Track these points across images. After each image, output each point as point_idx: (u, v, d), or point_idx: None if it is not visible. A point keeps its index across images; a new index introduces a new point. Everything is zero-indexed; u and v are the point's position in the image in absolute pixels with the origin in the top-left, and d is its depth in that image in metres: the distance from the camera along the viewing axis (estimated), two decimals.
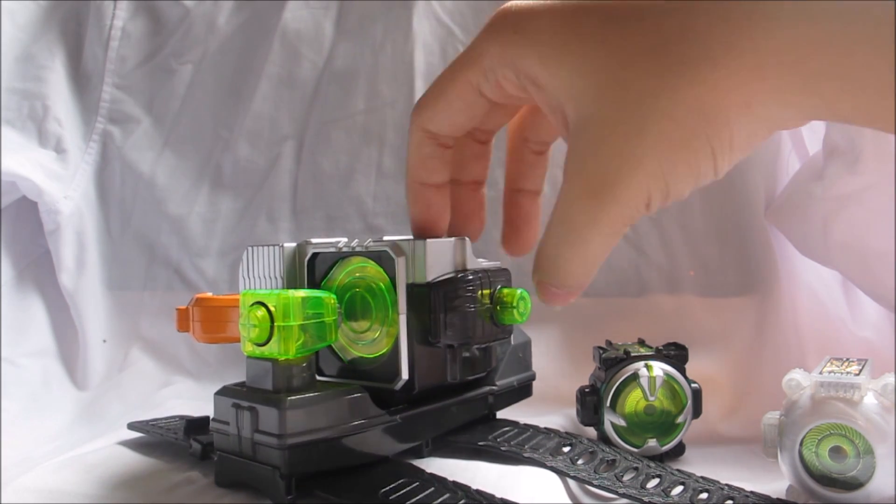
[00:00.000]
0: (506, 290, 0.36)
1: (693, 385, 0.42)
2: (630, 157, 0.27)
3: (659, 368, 0.41)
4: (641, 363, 0.41)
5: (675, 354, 0.42)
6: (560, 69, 0.28)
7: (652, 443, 0.41)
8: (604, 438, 0.42)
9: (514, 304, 0.35)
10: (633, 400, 0.41)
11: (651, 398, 0.41)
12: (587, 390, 0.43)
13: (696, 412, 0.42)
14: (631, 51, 0.27)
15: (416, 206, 0.37)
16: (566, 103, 0.29)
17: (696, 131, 0.26)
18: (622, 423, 0.41)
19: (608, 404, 0.41)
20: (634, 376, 0.41)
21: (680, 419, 0.41)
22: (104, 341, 0.62)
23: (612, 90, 0.27)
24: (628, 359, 0.42)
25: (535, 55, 0.29)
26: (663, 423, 0.42)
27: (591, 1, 0.28)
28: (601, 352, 0.43)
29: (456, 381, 0.37)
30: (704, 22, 0.26)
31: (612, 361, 0.42)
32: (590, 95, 0.28)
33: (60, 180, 0.63)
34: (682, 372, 0.42)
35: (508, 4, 0.30)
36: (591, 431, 0.44)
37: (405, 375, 0.35)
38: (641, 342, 0.45)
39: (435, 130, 0.34)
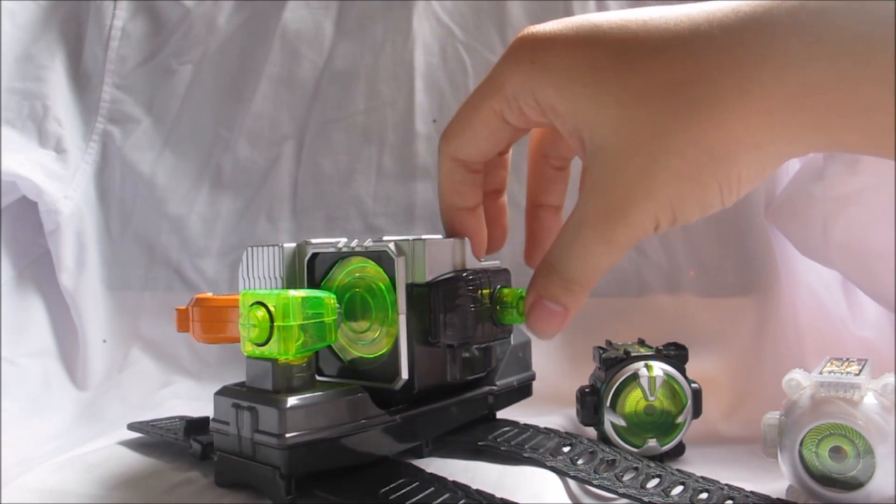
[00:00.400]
0: (506, 290, 0.36)
1: (693, 385, 0.42)
2: (641, 189, 0.29)
3: (659, 368, 0.41)
4: (641, 363, 0.41)
5: (675, 354, 0.42)
6: (576, 100, 0.30)
7: (652, 443, 0.41)
8: (604, 438, 0.42)
9: (514, 303, 0.35)
10: (633, 400, 0.41)
11: (651, 398, 0.41)
12: (587, 390, 0.43)
13: (696, 412, 0.42)
14: (644, 87, 0.28)
15: (454, 231, 0.38)
16: (583, 131, 0.30)
17: (705, 169, 0.28)
18: (622, 423, 0.41)
19: (608, 404, 0.41)
20: (634, 376, 0.41)
21: (680, 419, 0.41)
22: (104, 341, 0.62)
23: (626, 124, 0.29)
24: (628, 359, 0.42)
25: (552, 86, 0.30)
26: (663, 423, 0.42)
27: (605, 29, 0.29)
28: (601, 352, 0.43)
29: (456, 380, 0.37)
30: (716, 65, 0.27)
31: (612, 361, 0.42)
32: (605, 127, 0.29)
33: (60, 180, 0.63)
34: (682, 372, 0.42)
35: (527, 31, 0.31)
36: (592, 432, 0.44)
37: (405, 375, 0.35)
38: (641, 342, 0.45)
39: (464, 158, 0.35)
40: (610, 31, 0.29)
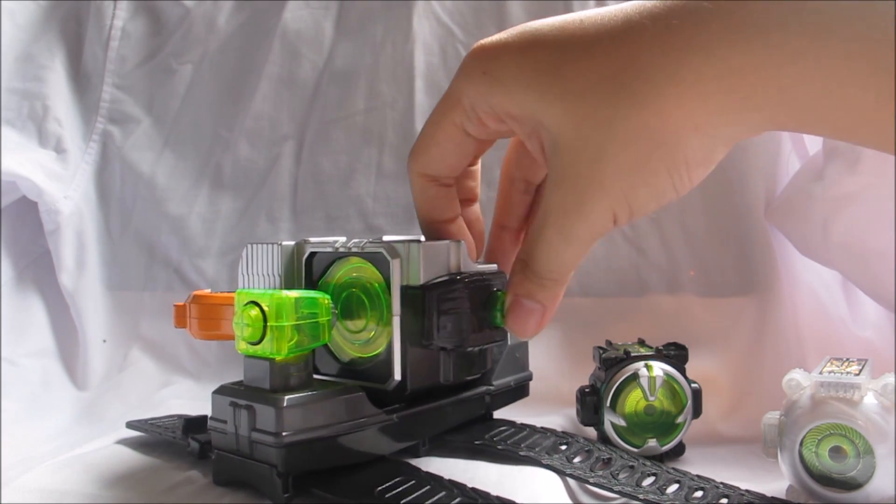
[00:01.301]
0: (500, 293, 0.36)
1: (693, 385, 0.42)
2: (594, 182, 0.30)
3: (659, 368, 0.41)
4: (641, 363, 0.41)
5: (675, 354, 0.42)
6: (525, 102, 0.31)
7: (652, 443, 0.41)
8: (604, 439, 0.42)
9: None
10: (633, 400, 0.41)
11: (651, 398, 0.41)
12: (587, 390, 0.43)
13: (696, 412, 0.42)
14: (584, 82, 0.29)
15: None
16: (539, 132, 0.31)
17: (650, 154, 0.29)
18: (622, 423, 0.41)
19: (608, 404, 0.41)
20: (634, 376, 0.41)
21: (680, 419, 0.41)
22: (104, 341, 0.62)
23: (573, 119, 0.30)
24: (628, 359, 0.42)
25: (504, 92, 0.31)
26: (663, 424, 0.41)
27: (545, 32, 0.31)
28: (601, 352, 0.43)
29: (449, 382, 0.37)
30: (648, 53, 0.28)
31: (612, 361, 0.42)
32: (556, 124, 0.30)
33: (60, 180, 0.63)
34: (682, 372, 0.42)
35: (476, 45, 0.32)
36: (592, 432, 0.44)
37: (397, 377, 0.35)
38: (641, 342, 0.45)
39: (434, 174, 0.36)
40: (550, 34, 0.31)
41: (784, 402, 0.36)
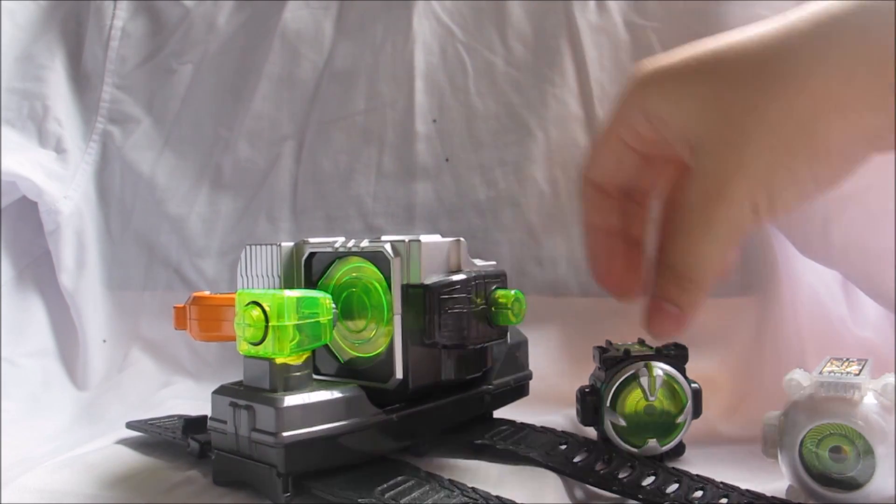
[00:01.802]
0: (500, 292, 0.36)
1: (693, 385, 0.42)
2: (734, 163, 0.31)
3: (659, 368, 0.41)
4: (641, 363, 0.41)
5: (675, 354, 0.42)
6: (680, 101, 0.33)
7: (652, 443, 0.41)
8: (604, 439, 0.42)
9: (509, 305, 0.36)
10: (633, 400, 0.41)
11: (651, 398, 0.41)
12: (587, 390, 0.43)
13: (697, 412, 0.42)
14: (737, 75, 0.31)
15: (592, 250, 0.41)
16: (688, 132, 0.33)
17: (793, 136, 0.30)
18: (622, 423, 0.41)
19: (608, 404, 0.41)
20: (634, 376, 0.41)
21: (680, 419, 0.41)
22: (104, 341, 0.62)
23: (721, 109, 0.32)
24: (628, 359, 0.42)
25: (659, 94, 0.34)
26: (663, 423, 0.41)
27: (700, 47, 0.33)
28: (601, 352, 0.43)
29: (451, 381, 0.37)
30: (798, 38, 0.30)
31: (612, 361, 0.42)
32: (705, 118, 0.32)
33: (60, 180, 0.63)
34: (683, 372, 0.42)
35: (638, 66, 0.36)
36: (592, 432, 0.44)
37: (399, 375, 0.35)
38: (641, 342, 0.45)
39: (599, 182, 0.39)
40: (705, 46, 0.33)
41: (784, 402, 0.36)
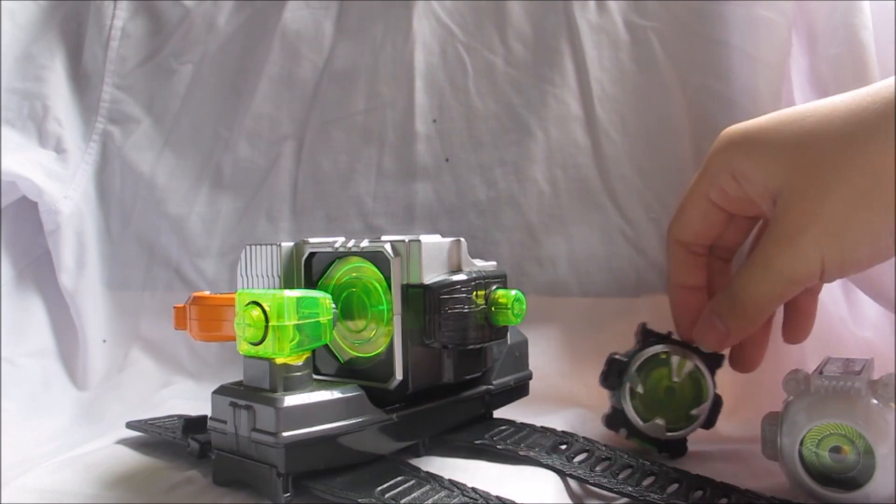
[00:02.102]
0: (500, 292, 0.36)
1: (717, 392, 0.42)
2: (811, 212, 0.34)
3: (693, 357, 0.41)
4: (679, 347, 0.42)
5: (711, 354, 0.42)
6: (764, 158, 0.36)
7: (659, 422, 0.41)
8: (615, 405, 0.42)
9: (509, 305, 0.36)
10: (659, 375, 0.41)
11: (676, 379, 0.41)
12: (617, 356, 0.42)
13: (711, 421, 0.42)
14: (819, 135, 0.34)
15: (678, 307, 0.44)
16: (771, 184, 0.36)
17: (869, 191, 0.32)
18: (640, 390, 0.41)
19: (634, 369, 0.41)
20: (667, 353, 0.41)
21: (694, 412, 0.41)
22: (104, 341, 0.62)
23: (802, 165, 0.35)
24: (668, 339, 0.42)
25: (745, 153, 0.37)
26: (677, 409, 0.41)
27: (785, 112, 0.37)
28: (643, 326, 0.43)
29: (451, 381, 0.37)
30: (872, 108, 0.33)
31: (654, 335, 0.42)
32: (787, 172, 0.35)
33: (60, 180, 0.63)
34: (712, 374, 0.42)
35: (726, 130, 0.39)
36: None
37: (399, 376, 0.35)
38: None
39: (685, 240, 0.42)
40: (787, 111, 0.37)
41: (784, 402, 0.36)
